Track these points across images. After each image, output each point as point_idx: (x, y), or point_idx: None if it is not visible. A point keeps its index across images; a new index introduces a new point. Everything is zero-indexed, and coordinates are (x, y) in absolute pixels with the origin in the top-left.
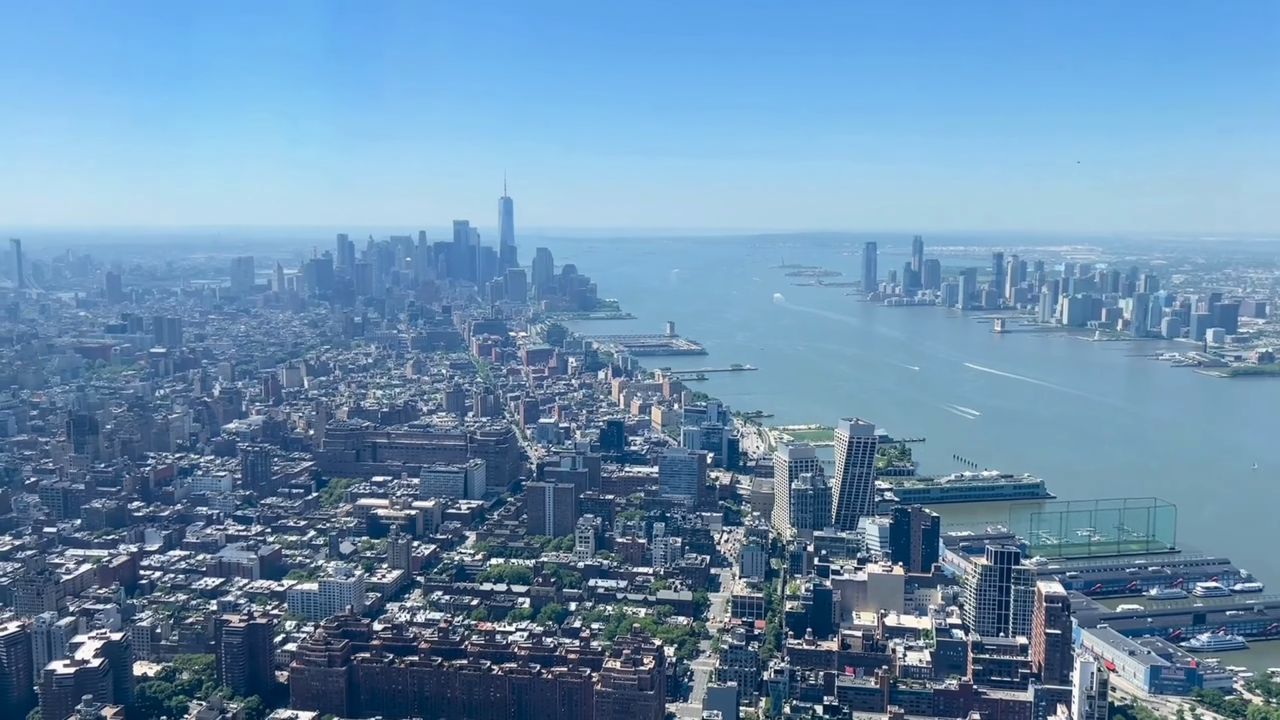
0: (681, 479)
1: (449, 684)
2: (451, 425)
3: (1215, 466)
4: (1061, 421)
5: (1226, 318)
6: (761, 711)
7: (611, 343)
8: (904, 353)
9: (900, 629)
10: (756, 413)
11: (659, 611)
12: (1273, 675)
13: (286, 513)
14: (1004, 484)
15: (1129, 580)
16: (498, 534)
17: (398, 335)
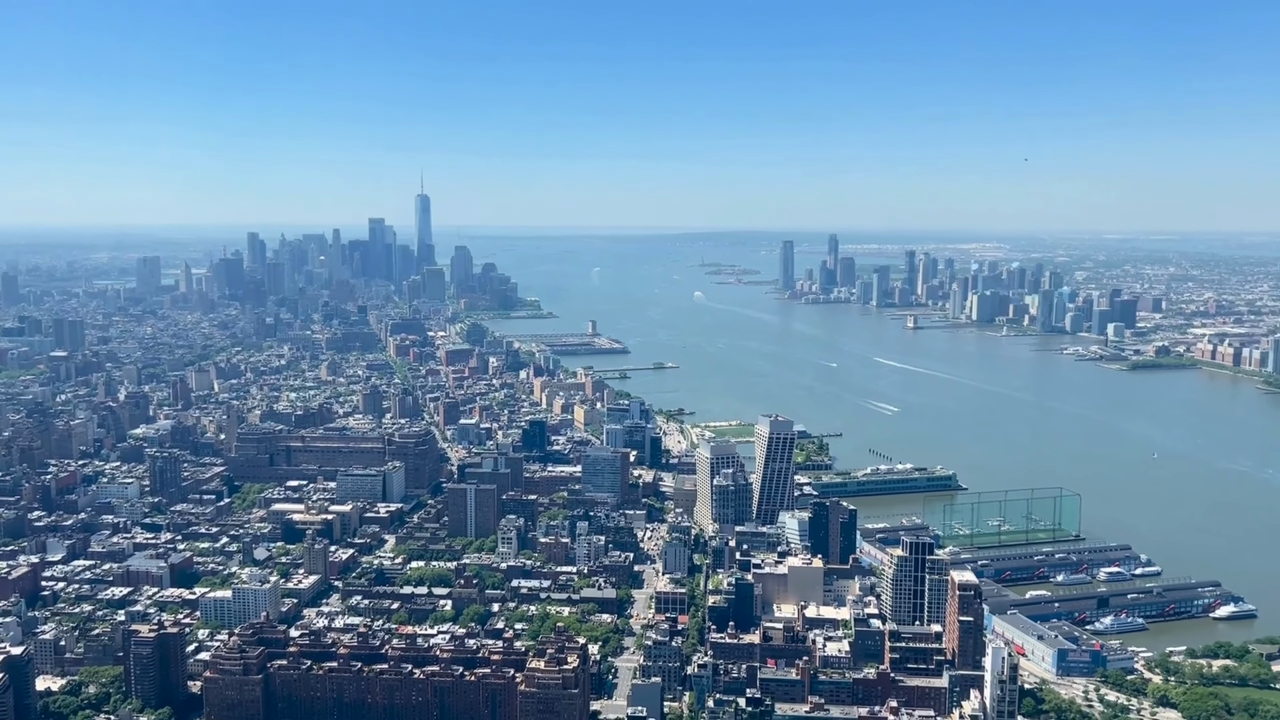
0: (604, 477)
1: (369, 689)
2: (369, 427)
3: (1117, 456)
4: (972, 415)
5: (1126, 313)
6: (685, 706)
7: (533, 342)
8: (821, 349)
9: (820, 620)
10: (679, 410)
11: (583, 610)
12: (1171, 655)
13: (198, 519)
14: (918, 477)
15: (1037, 567)
16: (418, 537)
17: (312, 336)
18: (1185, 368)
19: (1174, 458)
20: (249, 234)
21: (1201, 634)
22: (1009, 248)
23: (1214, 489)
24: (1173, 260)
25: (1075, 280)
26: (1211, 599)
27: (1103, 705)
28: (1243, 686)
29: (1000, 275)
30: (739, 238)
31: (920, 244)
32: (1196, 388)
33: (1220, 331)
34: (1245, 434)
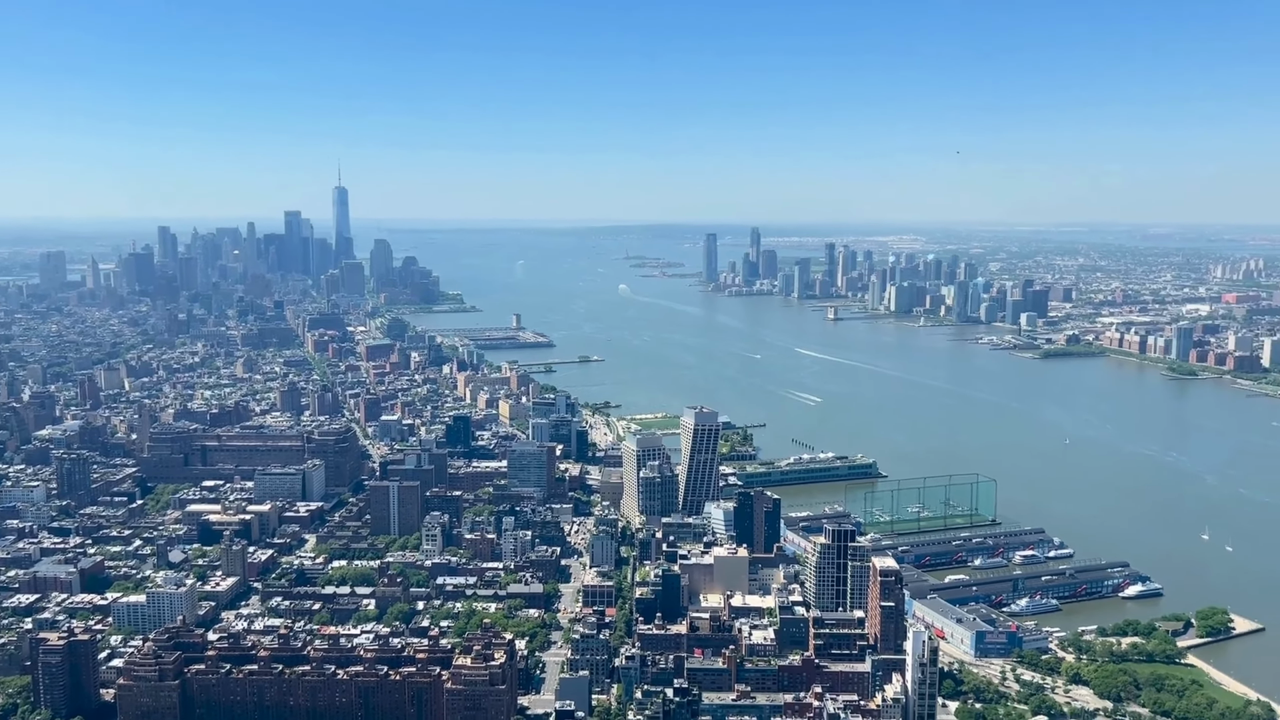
0: (530, 472)
1: (291, 691)
2: (287, 425)
3: (1031, 442)
4: (891, 404)
5: (1038, 302)
6: (613, 698)
7: (456, 336)
8: (745, 341)
9: (746, 609)
10: (605, 404)
11: (510, 605)
12: (1083, 634)
13: (109, 522)
14: (839, 465)
15: (955, 552)
16: (339, 536)
17: (226, 332)
18: (1094, 355)
19: (1085, 443)
20: (159, 228)
21: (1111, 613)
22: (926, 240)
23: (1122, 473)
24: (1082, 251)
25: (990, 271)
26: (1120, 579)
27: (1019, 684)
28: (1150, 662)
29: (917, 267)
30: (663, 231)
31: (840, 236)
32: (1105, 375)
33: (1127, 320)
34: (1151, 419)
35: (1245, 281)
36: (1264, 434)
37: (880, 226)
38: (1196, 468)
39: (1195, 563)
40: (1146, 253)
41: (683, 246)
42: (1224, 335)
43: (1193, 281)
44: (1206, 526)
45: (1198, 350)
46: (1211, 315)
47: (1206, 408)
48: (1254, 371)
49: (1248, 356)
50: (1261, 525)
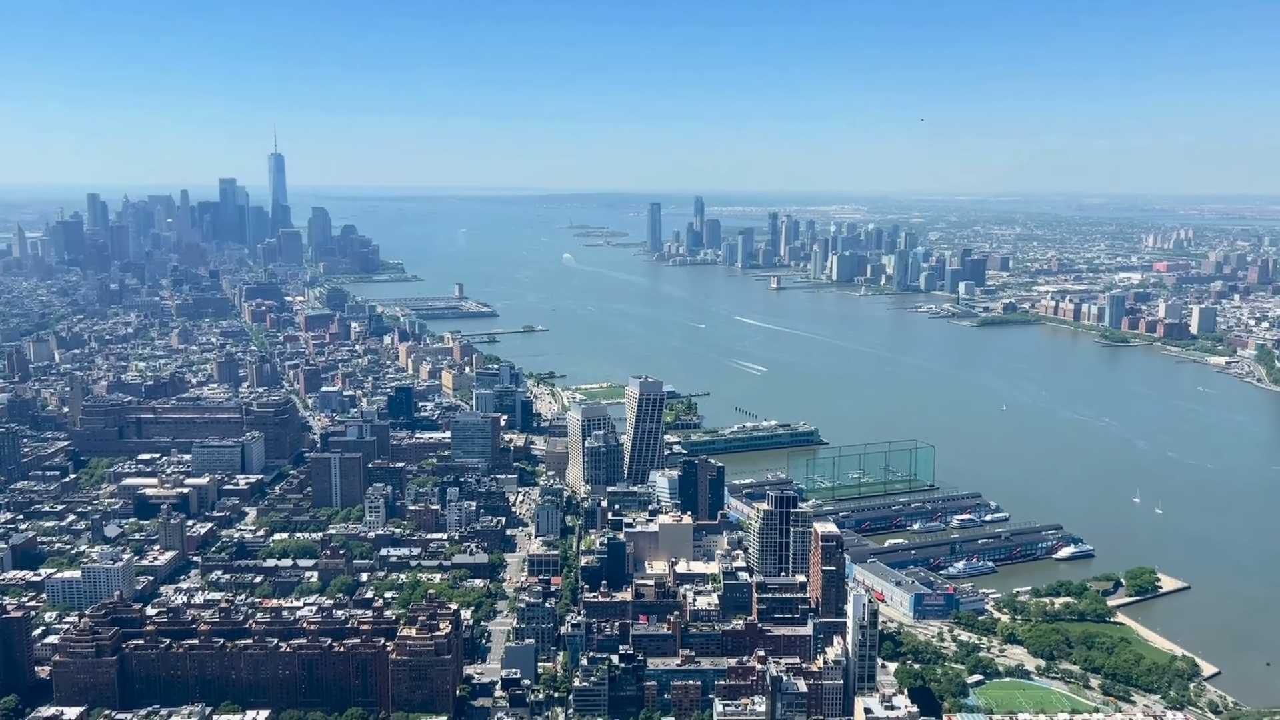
0: (475, 443)
1: (233, 665)
2: (225, 397)
3: (969, 409)
4: (832, 372)
5: (976, 272)
6: (559, 666)
7: (397, 306)
8: (689, 311)
9: (690, 575)
10: (549, 374)
11: (455, 576)
12: (1018, 595)
13: (41, 497)
14: (782, 433)
15: (894, 517)
16: (280, 508)
17: (160, 302)
18: (1030, 323)
19: (1021, 409)
20: (88, 195)
21: (1045, 574)
22: (867, 210)
23: (1056, 438)
24: (1019, 221)
25: (929, 241)
26: (1054, 541)
27: (956, 645)
28: (1081, 621)
29: (859, 236)
30: (607, 200)
31: (783, 206)
32: (1040, 342)
33: (1062, 289)
34: (1084, 385)
35: (1175, 251)
36: (1191, 399)
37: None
38: (1127, 432)
39: (1126, 525)
40: (1081, 222)
41: (627, 216)
42: (1155, 303)
43: (1125, 251)
44: (1138, 490)
45: (1129, 318)
46: (1143, 284)
47: (1137, 374)
48: (1182, 338)
49: (1177, 324)
50: (1189, 487)
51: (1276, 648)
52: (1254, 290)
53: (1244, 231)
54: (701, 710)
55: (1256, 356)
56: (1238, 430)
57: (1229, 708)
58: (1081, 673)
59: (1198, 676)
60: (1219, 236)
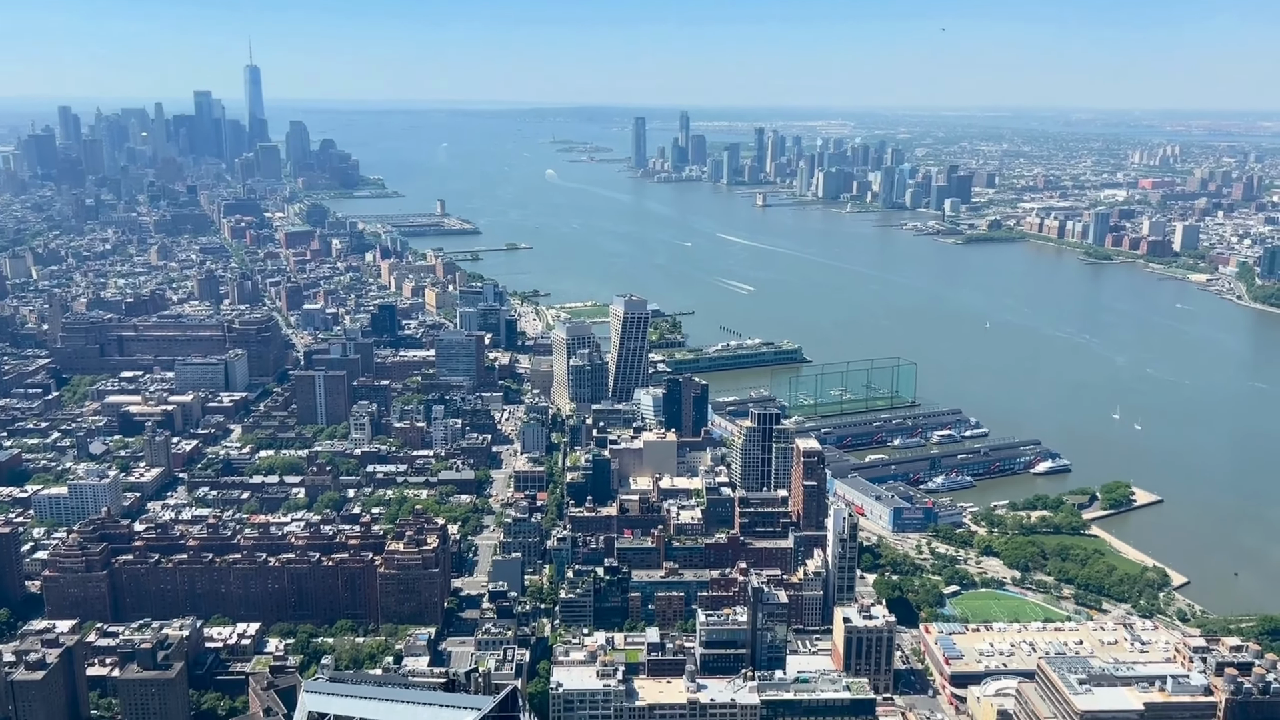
0: (459, 361)
1: (223, 579)
2: (206, 314)
3: (952, 326)
4: (817, 290)
5: (961, 188)
6: (545, 578)
7: (378, 223)
8: (674, 228)
9: (674, 490)
10: (533, 292)
11: (441, 492)
12: (995, 508)
13: (24, 415)
14: (765, 351)
15: (875, 433)
16: (265, 426)
17: (138, 218)
18: (1015, 241)
19: (1003, 326)
20: (60, 108)
21: (1022, 488)
22: (854, 125)
23: (1037, 355)
24: (1006, 136)
25: (916, 157)
26: (1032, 456)
27: (934, 557)
28: (1057, 534)
29: (845, 152)
30: (591, 114)
31: (769, 121)
32: (1024, 260)
33: (1047, 206)
34: (1067, 303)
35: (1161, 167)
36: (1171, 316)
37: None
38: (1107, 349)
39: (1104, 440)
40: (1068, 139)
41: (611, 131)
42: (1139, 220)
43: (1111, 167)
44: (1118, 406)
45: (1113, 235)
46: (1128, 201)
47: (1119, 291)
48: (1165, 256)
49: (1160, 241)
50: (1167, 404)
51: (1245, 558)
52: (1238, 207)
53: (1230, 148)
54: (684, 620)
55: (1237, 274)
56: (1217, 347)
57: (1197, 616)
58: (1055, 583)
59: (1167, 586)
60: (1205, 153)
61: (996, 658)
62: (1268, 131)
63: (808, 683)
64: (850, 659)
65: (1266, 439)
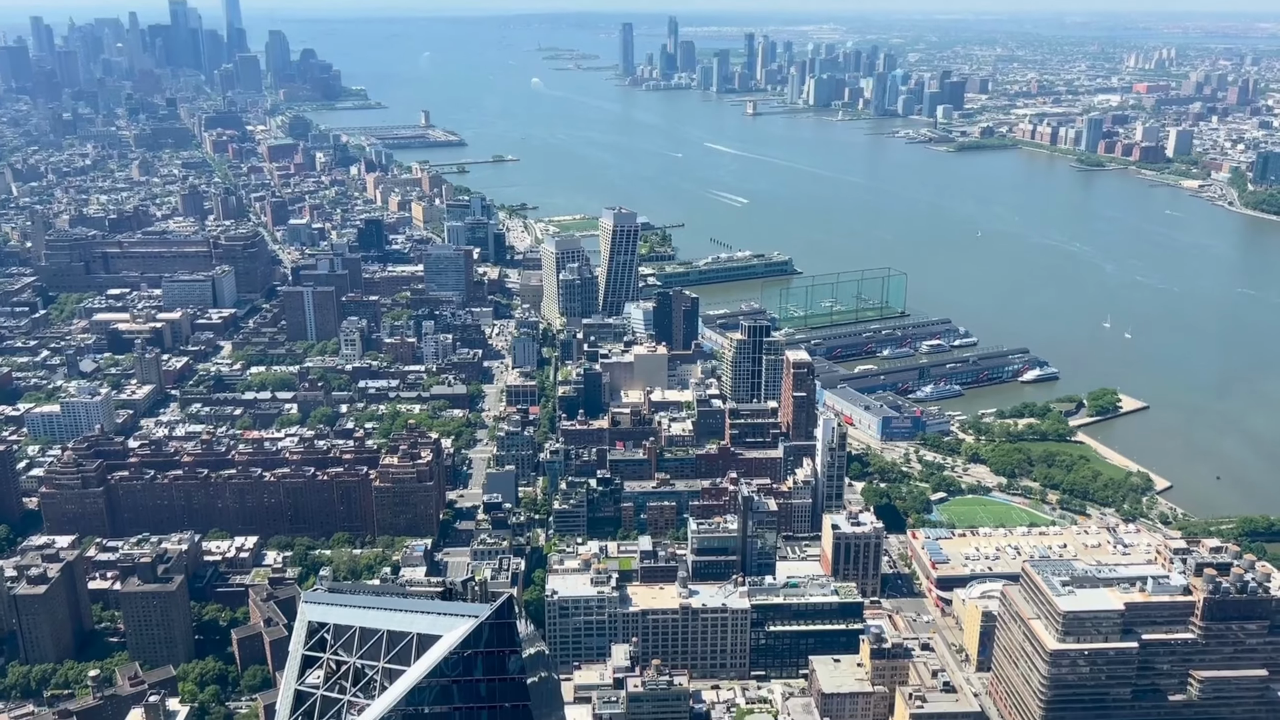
0: (448, 276)
1: (219, 495)
2: (191, 230)
3: (943, 236)
4: (808, 201)
5: (954, 94)
6: (539, 490)
7: (362, 135)
8: (664, 138)
9: (665, 403)
10: (521, 205)
11: (434, 407)
12: (982, 416)
13: (12, 333)
14: (756, 263)
15: (865, 344)
16: (255, 342)
17: (117, 133)
18: (1007, 148)
19: (994, 235)
20: (31, 18)
21: (1010, 397)
22: (846, 29)
23: (1028, 263)
24: (1000, 41)
25: (908, 63)
26: (1020, 364)
27: (921, 465)
28: (1043, 441)
29: (837, 58)
30: (577, 20)
31: (760, 25)
32: (1016, 167)
33: (1040, 112)
34: (1058, 210)
35: (1156, 71)
36: (1161, 222)
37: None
38: (1098, 257)
39: (1093, 348)
40: (1063, 42)
41: (598, 37)
42: (1132, 126)
43: (1106, 72)
44: (1109, 315)
45: (1106, 141)
46: (1122, 106)
47: (1110, 198)
48: (1158, 162)
49: (1153, 147)
50: (1157, 311)
51: (1227, 462)
52: (1232, 112)
53: (1227, 50)
54: (676, 529)
55: (1229, 179)
56: (1207, 254)
57: (1178, 519)
58: (1041, 489)
59: (1151, 490)
60: (1201, 56)
61: (982, 562)
62: (1265, 33)
63: (797, 587)
64: (838, 564)
65: (1253, 345)
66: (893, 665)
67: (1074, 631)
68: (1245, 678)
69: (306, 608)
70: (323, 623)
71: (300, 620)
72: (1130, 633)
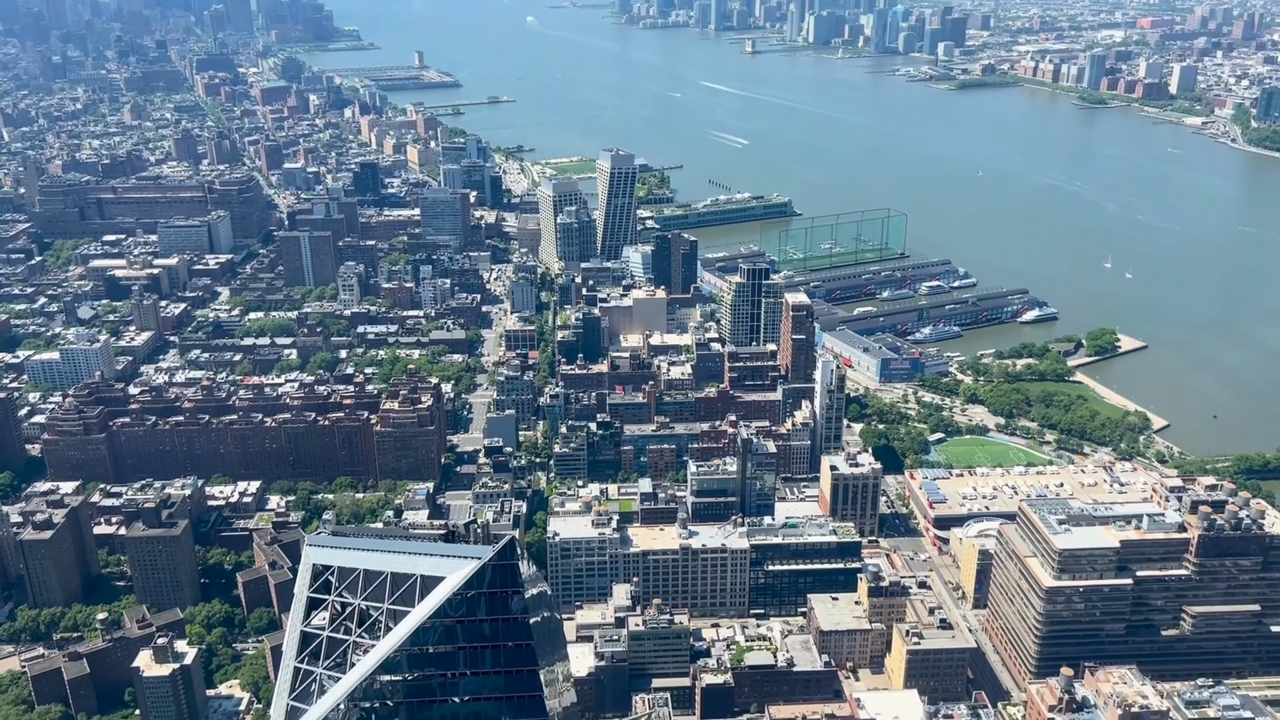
0: (445, 220)
1: (220, 440)
2: (185, 175)
3: (943, 175)
4: (807, 141)
5: (955, 31)
6: (539, 434)
7: (356, 77)
8: (662, 78)
9: (664, 347)
10: (518, 147)
11: (433, 352)
12: (981, 357)
13: (9, 280)
14: (755, 205)
15: (864, 285)
16: (253, 288)
17: (108, 76)
18: (1009, 85)
19: (995, 175)
20: None
21: (1009, 337)
22: None
23: (1029, 203)
24: None
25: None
26: (1019, 305)
27: (920, 406)
28: (1041, 381)
29: None
30: None
31: None
32: (1018, 105)
33: (1042, 49)
34: (1059, 149)
35: (1160, 5)
36: (1163, 160)
37: None
38: (1099, 197)
39: (1092, 288)
40: None
41: None
42: (1135, 62)
43: (1110, 6)
44: (1110, 255)
45: (1109, 78)
46: (1125, 41)
47: (1112, 136)
48: (1161, 99)
49: (1156, 84)
50: (1157, 250)
51: (1224, 401)
52: (1237, 47)
53: None
54: (676, 471)
55: (1233, 116)
56: (1210, 192)
57: (1175, 457)
58: (1039, 429)
59: (1148, 429)
60: None
61: (979, 501)
62: None
63: (795, 527)
64: (837, 505)
65: (1253, 283)
66: (890, 603)
67: (1070, 569)
68: (1238, 613)
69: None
70: (327, 565)
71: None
72: (1125, 569)
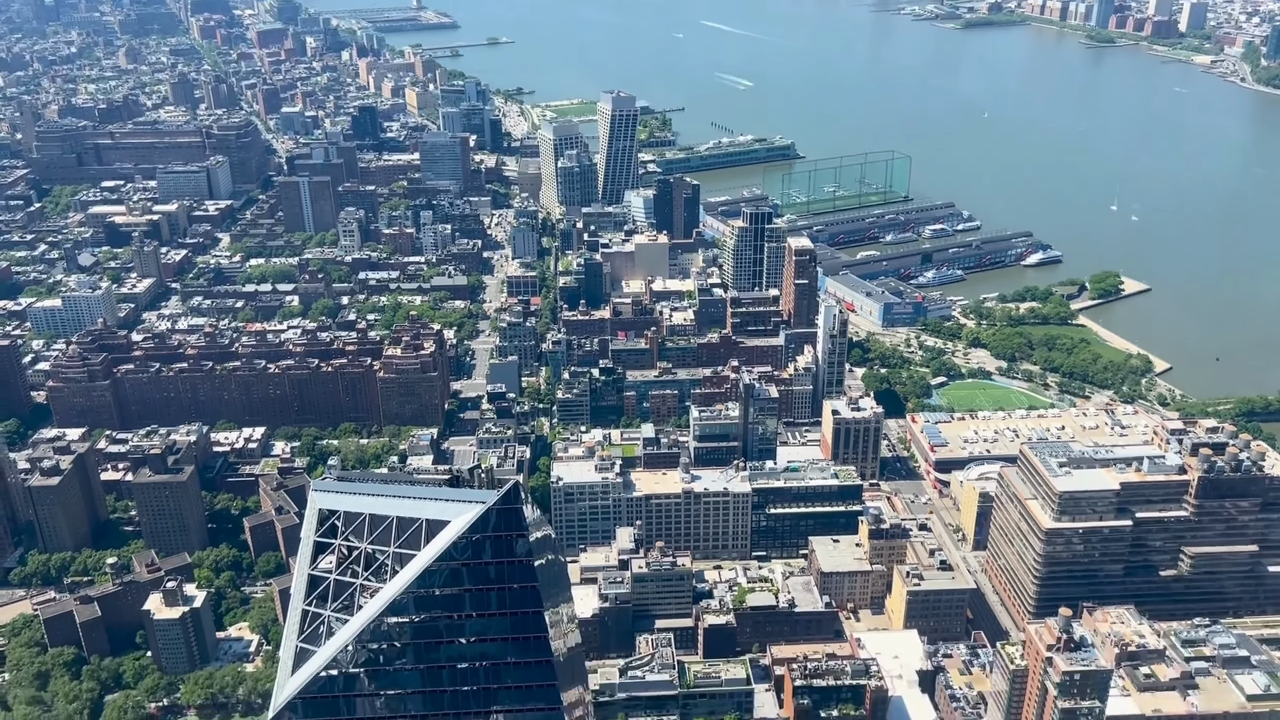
0: (445, 164)
1: (224, 387)
2: (183, 120)
3: (949, 117)
4: (810, 82)
5: None
6: (542, 380)
7: (353, 18)
8: (663, 16)
9: (666, 293)
10: (517, 90)
11: (435, 298)
12: (984, 301)
13: (8, 227)
14: (758, 148)
15: (868, 229)
16: (253, 234)
17: (102, 19)
18: (1016, 24)
19: (1001, 117)
20: None
21: (1013, 281)
22: None
23: (1034, 145)
24: None
25: None
26: (1023, 248)
27: (922, 350)
28: (1044, 324)
29: None
30: None
31: None
32: (1025, 44)
33: None
34: (1066, 90)
35: None
36: (1170, 101)
37: None
38: (1106, 139)
39: (1098, 231)
40: None
41: None
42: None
43: None
44: (1116, 198)
45: (1117, 16)
46: None
47: (1120, 76)
48: (1171, 37)
49: (1166, 21)
50: (1164, 191)
51: (1227, 343)
52: None
53: None
54: (678, 417)
55: (1243, 54)
56: (1218, 133)
57: (1177, 400)
58: (1041, 372)
59: (1150, 372)
60: None
61: (980, 444)
62: None
63: (797, 471)
64: (838, 449)
65: (1259, 225)
66: (891, 545)
67: (1069, 511)
68: (1236, 553)
69: (317, 495)
70: (333, 510)
71: (311, 508)
72: (1125, 511)
